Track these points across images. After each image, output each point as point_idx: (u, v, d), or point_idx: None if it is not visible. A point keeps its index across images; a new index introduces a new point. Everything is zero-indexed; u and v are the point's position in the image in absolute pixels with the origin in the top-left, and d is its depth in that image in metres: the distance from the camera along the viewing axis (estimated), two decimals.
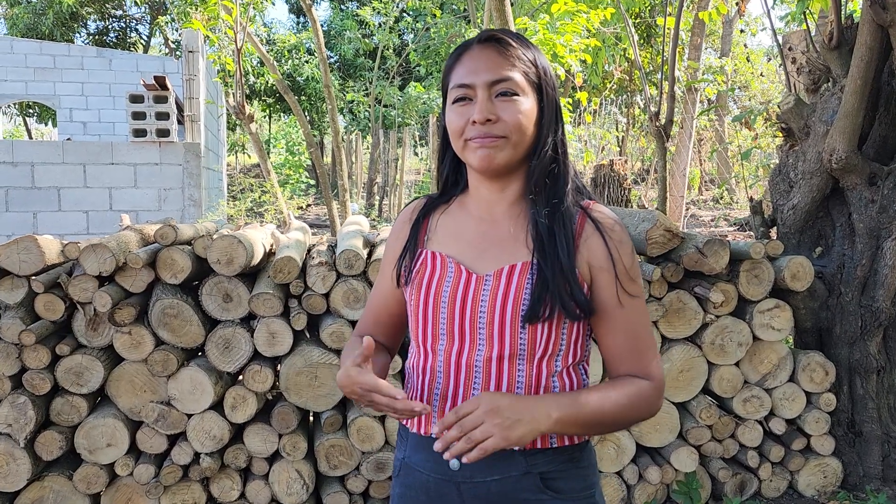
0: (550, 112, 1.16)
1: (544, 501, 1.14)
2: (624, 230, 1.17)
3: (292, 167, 14.92)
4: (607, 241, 1.13)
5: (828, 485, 2.99)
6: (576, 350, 1.18)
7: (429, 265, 1.19)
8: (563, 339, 1.15)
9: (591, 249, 1.14)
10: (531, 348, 1.12)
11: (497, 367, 1.13)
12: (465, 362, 1.15)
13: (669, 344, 2.86)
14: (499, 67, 1.11)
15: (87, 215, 7.10)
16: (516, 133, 1.12)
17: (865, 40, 2.66)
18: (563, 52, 6.35)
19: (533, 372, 1.13)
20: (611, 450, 2.84)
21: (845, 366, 3.03)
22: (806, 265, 2.85)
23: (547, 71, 1.17)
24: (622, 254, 1.14)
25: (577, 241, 1.14)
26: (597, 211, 1.17)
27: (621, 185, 5.77)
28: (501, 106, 1.11)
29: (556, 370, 1.15)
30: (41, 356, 2.44)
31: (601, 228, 1.14)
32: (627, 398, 1.12)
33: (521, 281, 1.12)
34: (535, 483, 1.13)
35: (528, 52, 1.15)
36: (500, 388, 1.13)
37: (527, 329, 1.11)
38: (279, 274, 2.57)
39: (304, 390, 2.62)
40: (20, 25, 14.96)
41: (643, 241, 2.78)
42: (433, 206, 1.27)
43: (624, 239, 1.16)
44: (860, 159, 2.87)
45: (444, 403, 1.17)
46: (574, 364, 1.19)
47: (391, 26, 15.32)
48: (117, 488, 2.60)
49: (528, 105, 1.13)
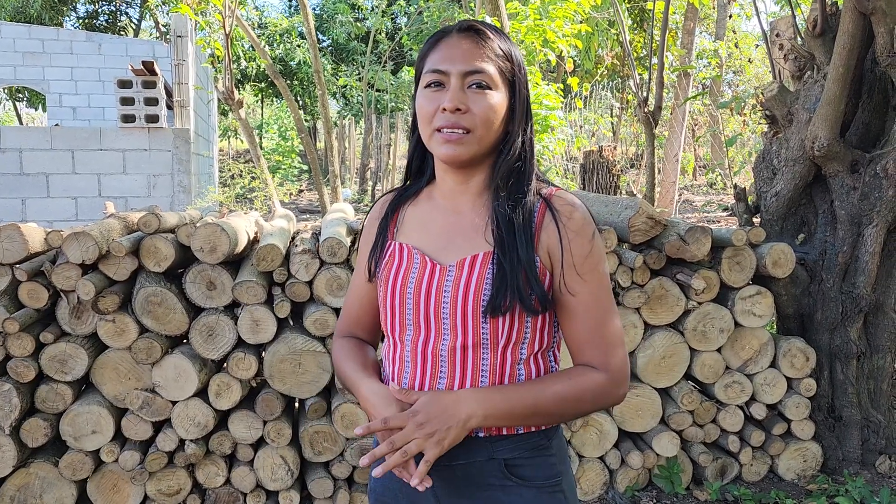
0: (521, 109, 1.16)
1: (509, 488, 1.15)
2: (585, 218, 1.15)
3: (284, 153, 14.86)
4: (561, 229, 1.13)
5: (808, 469, 3.03)
6: (542, 338, 1.18)
7: (396, 257, 1.22)
8: (528, 327, 1.15)
9: (549, 238, 1.14)
10: (494, 337, 1.13)
11: (461, 356, 1.14)
12: (431, 352, 1.16)
13: (652, 330, 2.89)
14: (474, 59, 1.12)
15: (75, 202, 7.08)
16: (482, 127, 1.12)
17: (847, 28, 2.67)
18: (553, 38, 6.33)
19: (497, 360, 1.14)
20: (593, 435, 2.87)
21: (826, 351, 3.06)
22: (787, 252, 2.87)
23: (521, 68, 1.17)
24: (576, 242, 1.13)
25: (537, 230, 1.14)
26: (557, 199, 1.16)
27: (610, 171, 5.78)
28: (473, 97, 1.12)
29: (522, 358, 1.16)
30: (25, 344, 2.45)
31: (557, 217, 1.14)
32: (571, 390, 1.12)
33: (483, 271, 1.13)
34: (500, 469, 1.15)
35: (505, 47, 1.15)
36: (465, 377, 1.15)
37: (488, 319, 1.12)
38: (262, 262, 2.58)
39: (289, 377, 2.63)
40: (8, 8, 14.80)
41: (626, 229, 2.79)
42: (403, 198, 1.29)
43: (581, 227, 1.14)
44: (842, 147, 2.88)
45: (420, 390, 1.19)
46: (542, 351, 1.19)
47: (384, 10, 15.21)
48: (103, 475, 2.61)
49: (499, 100, 1.13)
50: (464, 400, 1.08)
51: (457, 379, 1.15)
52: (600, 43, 10.52)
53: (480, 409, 1.07)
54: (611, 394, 1.14)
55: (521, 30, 6.43)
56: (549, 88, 6.35)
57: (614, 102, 13.68)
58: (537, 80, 6.39)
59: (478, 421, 1.07)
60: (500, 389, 1.12)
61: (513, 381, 1.16)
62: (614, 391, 1.15)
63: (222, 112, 18.07)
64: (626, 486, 2.93)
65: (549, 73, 10.99)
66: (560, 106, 6.41)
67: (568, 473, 1.22)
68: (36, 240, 2.51)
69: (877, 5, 2.59)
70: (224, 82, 6.62)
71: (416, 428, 1.03)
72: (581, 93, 10.00)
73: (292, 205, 12.93)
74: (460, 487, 1.16)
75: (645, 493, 2.94)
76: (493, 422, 1.09)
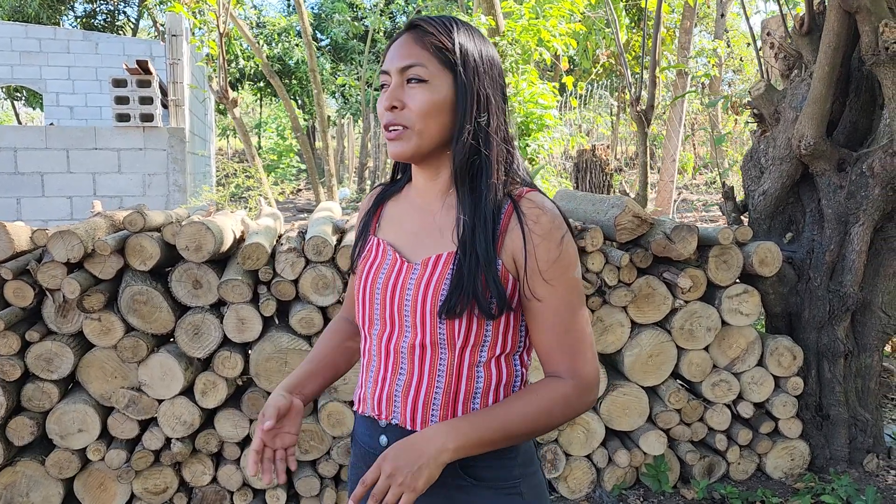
0: (468, 98, 1.12)
1: (465, 487, 1.15)
2: (553, 222, 1.11)
3: (281, 152, 14.86)
4: (526, 233, 1.10)
5: (795, 467, 3.03)
6: (505, 341, 1.16)
7: (372, 252, 1.23)
8: (489, 329, 1.14)
9: (513, 241, 1.11)
10: (451, 338, 1.12)
11: (420, 354, 1.14)
12: (393, 347, 1.17)
13: (639, 329, 2.89)
14: (410, 54, 1.11)
15: (70, 201, 7.08)
16: (420, 121, 1.11)
17: (833, 27, 2.67)
18: (548, 37, 6.34)
19: (455, 361, 1.14)
20: (580, 433, 2.88)
21: (814, 350, 3.06)
22: (774, 251, 2.88)
23: (469, 55, 1.12)
24: (542, 247, 1.10)
25: (502, 233, 1.11)
26: (526, 201, 1.13)
27: (603, 170, 5.79)
28: (409, 93, 1.11)
29: (482, 360, 1.15)
30: (11, 343, 2.45)
31: (522, 220, 1.10)
32: (539, 407, 1.10)
33: (444, 271, 1.12)
34: (455, 468, 1.14)
35: (450, 37, 1.12)
36: (423, 375, 1.15)
37: (444, 319, 1.11)
38: (248, 260, 2.58)
39: (275, 376, 2.64)
40: (5, 7, 14.80)
41: (612, 227, 2.80)
42: (388, 193, 1.30)
43: (549, 231, 1.10)
44: (828, 145, 2.88)
45: (375, 387, 1.20)
46: (506, 355, 1.17)
47: (382, 9, 15.21)
48: (89, 473, 2.62)
49: (438, 91, 1.11)
50: (433, 437, 1.06)
51: (415, 376, 1.15)
52: (597, 42, 10.51)
53: (451, 442, 1.05)
54: (580, 401, 1.13)
55: (517, 28, 6.44)
56: (544, 87, 6.35)
57: (612, 101, 13.68)
58: (533, 79, 6.39)
59: (449, 455, 1.05)
60: (467, 419, 1.10)
61: (470, 385, 1.15)
62: (583, 398, 1.13)
63: (220, 111, 18.07)
64: (613, 484, 2.93)
65: (546, 72, 10.98)
66: (556, 105, 6.41)
67: (531, 477, 1.19)
68: (22, 238, 2.51)
69: (861, 4, 2.59)
70: (219, 81, 6.62)
71: (386, 479, 1.03)
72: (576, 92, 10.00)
73: (290, 204, 12.93)
74: None
75: (632, 491, 2.94)
76: (465, 452, 1.07)
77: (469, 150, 1.13)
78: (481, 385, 1.15)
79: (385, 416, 1.18)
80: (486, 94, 1.14)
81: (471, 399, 1.15)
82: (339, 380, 2.65)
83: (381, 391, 1.19)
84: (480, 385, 1.15)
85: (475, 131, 1.13)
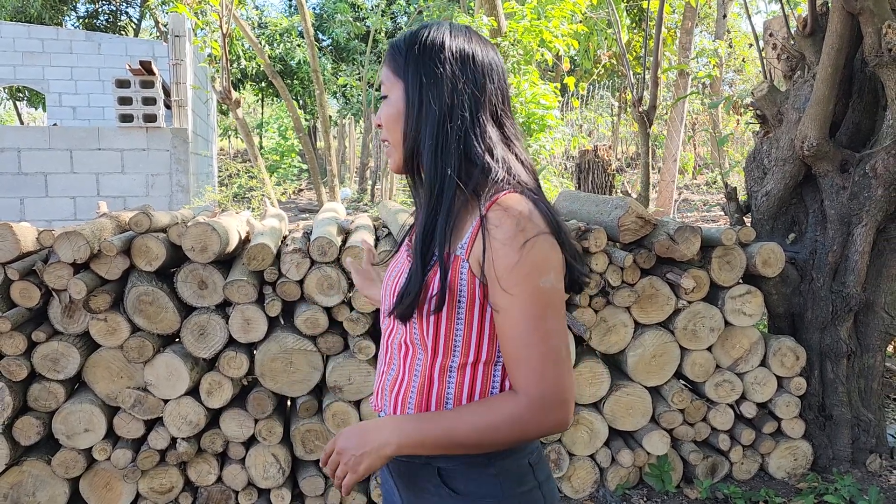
0: (412, 104, 1.10)
1: (443, 496, 1.14)
2: (517, 225, 1.02)
3: (283, 152, 14.87)
4: (486, 238, 1.04)
5: (798, 467, 3.04)
6: (479, 349, 1.11)
7: (399, 252, 1.29)
8: (459, 335, 1.11)
9: (478, 247, 1.06)
10: (422, 339, 1.13)
11: (404, 352, 1.18)
12: (389, 343, 1.22)
13: (642, 329, 2.90)
14: (382, 73, 1.17)
15: (74, 201, 7.09)
16: (390, 134, 1.15)
17: (836, 28, 2.67)
18: (549, 38, 6.34)
19: (428, 362, 1.14)
20: (584, 433, 2.89)
21: (816, 350, 3.07)
22: (777, 251, 2.88)
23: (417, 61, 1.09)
24: (501, 253, 1.02)
25: (472, 239, 1.07)
26: (496, 205, 1.05)
27: (605, 170, 5.79)
28: (381, 109, 1.17)
29: (453, 366, 1.13)
30: (17, 343, 2.46)
31: (484, 226, 1.05)
32: (486, 420, 1.04)
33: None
34: (434, 475, 1.14)
35: (404, 48, 1.11)
36: (403, 372, 1.18)
37: (416, 320, 1.12)
38: (253, 261, 2.59)
39: (280, 376, 2.65)
40: (8, 8, 14.81)
41: (616, 228, 2.81)
42: None
43: (509, 237, 1.02)
44: (831, 146, 2.89)
45: (378, 379, 1.27)
46: (483, 363, 1.13)
47: (384, 9, 15.21)
48: (95, 473, 2.63)
49: (393, 104, 1.13)
50: (382, 428, 1.08)
51: (399, 372, 1.19)
52: (598, 42, 10.51)
53: (394, 437, 1.06)
54: (533, 421, 1.03)
55: (518, 29, 6.44)
56: (545, 88, 6.36)
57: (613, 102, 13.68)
58: (534, 80, 6.40)
59: (392, 449, 1.06)
60: (415, 418, 1.09)
61: (441, 388, 1.14)
62: (539, 418, 1.03)
63: (222, 111, 18.08)
64: (616, 484, 2.94)
65: (547, 73, 10.99)
66: (557, 105, 6.41)
67: (521, 497, 1.13)
68: (28, 239, 2.53)
69: (864, 5, 2.59)
70: (221, 82, 6.63)
71: (336, 455, 1.11)
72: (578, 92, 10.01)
73: (292, 204, 12.94)
74: (408, 485, 1.20)
75: (636, 491, 2.95)
76: (407, 450, 1.06)
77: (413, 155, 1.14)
78: (453, 390, 1.13)
79: (379, 408, 1.24)
80: (436, 96, 1.09)
81: (442, 403, 1.14)
82: (343, 379, 2.66)
83: (380, 384, 1.25)
84: (452, 390, 1.13)
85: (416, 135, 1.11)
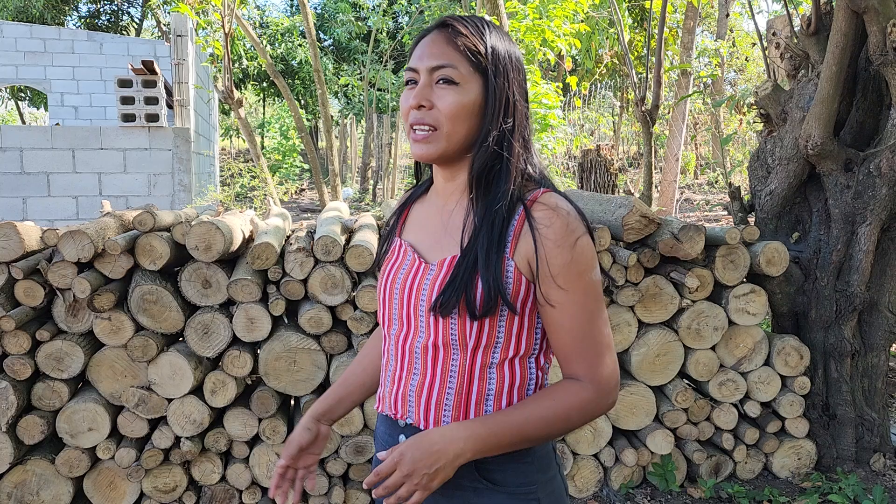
0: (497, 103, 1.11)
1: (480, 490, 1.15)
2: (568, 226, 1.09)
3: (285, 152, 14.88)
4: (537, 238, 1.08)
5: (802, 466, 3.04)
6: (519, 343, 1.14)
7: (395, 253, 1.24)
8: (501, 331, 1.13)
9: (526, 246, 1.10)
10: (462, 339, 1.12)
11: (433, 355, 1.15)
12: (408, 347, 1.17)
13: (646, 328, 2.89)
14: (442, 54, 1.10)
15: (76, 201, 7.10)
16: (448, 123, 1.10)
17: (840, 27, 2.67)
18: (552, 37, 6.34)
19: (466, 362, 1.13)
20: (587, 433, 2.88)
21: (820, 349, 3.06)
22: (781, 250, 2.88)
23: (500, 59, 1.12)
24: (554, 252, 1.08)
25: (515, 237, 1.10)
26: (539, 204, 1.11)
27: (608, 170, 5.79)
28: (439, 93, 1.10)
29: (494, 362, 1.14)
30: (21, 342, 2.47)
31: (533, 224, 1.09)
32: (557, 411, 1.10)
33: (448, 273, 1.13)
34: (472, 470, 1.14)
35: (482, 40, 1.11)
36: (435, 376, 1.15)
37: (456, 319, 1.11)
38: (257, 260, 2.59)
39: (283, 375, 2.65)
40: (10, 8, 14.83)
41: (620, 227, 2.80)
42: (415, 195, 1.31)
43: (561, 236, 1.08)
44: (836, 145, 2.89)
45: (392, 386, 1.21)
46: (520, 357, 1.16)
47: (385, 9, 15.22)
48: (99, 472, 2.63)
49: (468, 94, 1.10)
50: (453, 439, 1.06)
51: (428, 376, 1.15)
52: (600, 42, 10.51)
53: (469, 445, 1.06)
54: (599, 405, 1.12)
55: (521, 29, 6.44)
56: (548, 87, 6.36)
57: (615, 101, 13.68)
58: (537, 79, 6.40)
59: (466, 458, 1.06)
60: (485, 422, 1.09)
61: (482, 386, 1.14)
62: (603, 402, 1.12)
63: (224, 111, 18.09)
64: (620, 483, 2.94)
65: (549, 73, 10.99)
66: (559, 105, 6.42)
67: (549, 483, 1.18)
68: (32, 238, 2.53)
69: (869, 4, 2.59)
70: (223, 81, 6.63)
71: (402, 477, 1.04)
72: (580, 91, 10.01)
73: (294, 203, 12.95)
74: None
75: (639, 490, 2.95)
76: (482, 455, 1.08)
77: (490, 154, 1.12)
78: (494, 387, 1.14)
79: (401, 415, 1.19)
80: (513, 98, 1.13)
81: (483, 401, 1.15)
82: None
83: (397, 390, 1.19)
84: (493, 387, 1.14)
85: (499, 137, 1.12)
